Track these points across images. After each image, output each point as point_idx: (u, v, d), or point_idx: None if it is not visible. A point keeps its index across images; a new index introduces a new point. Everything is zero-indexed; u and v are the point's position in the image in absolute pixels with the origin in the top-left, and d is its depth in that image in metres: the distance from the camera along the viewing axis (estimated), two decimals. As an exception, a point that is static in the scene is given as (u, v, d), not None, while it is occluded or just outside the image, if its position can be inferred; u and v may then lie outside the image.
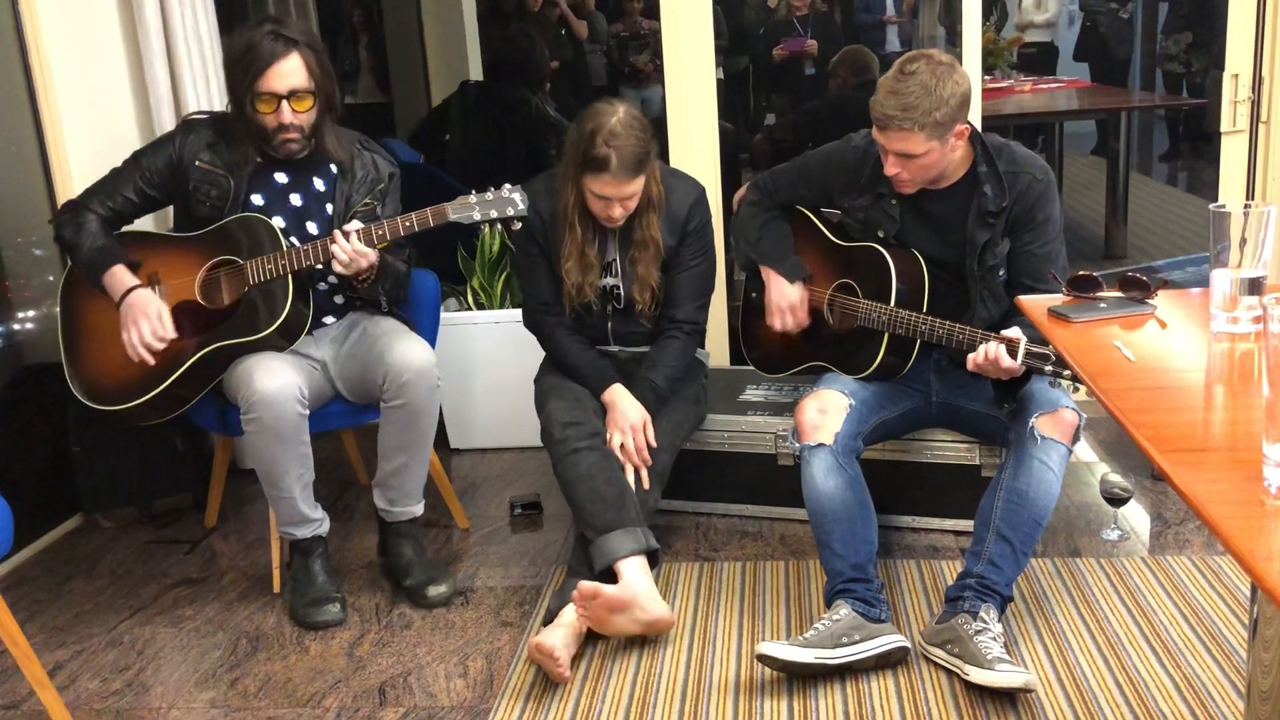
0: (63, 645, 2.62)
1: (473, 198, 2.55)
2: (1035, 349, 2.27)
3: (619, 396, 2.67)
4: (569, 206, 2.63)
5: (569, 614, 2.38)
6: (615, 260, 2.73)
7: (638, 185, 2.57)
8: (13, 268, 3.29)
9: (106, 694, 2.42)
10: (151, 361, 2.56)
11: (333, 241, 2.52)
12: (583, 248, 2.66)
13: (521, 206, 2.55)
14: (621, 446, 2.61)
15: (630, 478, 2.59)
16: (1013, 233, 2.48)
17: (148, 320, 2.55)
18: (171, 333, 2.56)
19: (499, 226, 2.60)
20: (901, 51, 5.82)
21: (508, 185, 2.57)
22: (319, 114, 2.62)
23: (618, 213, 2.60)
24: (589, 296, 2.71)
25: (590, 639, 2.45)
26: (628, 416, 2.64)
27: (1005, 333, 2.33)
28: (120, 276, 2.61)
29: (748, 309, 2.95)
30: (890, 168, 2.40)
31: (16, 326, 3.31)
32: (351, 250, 2.52)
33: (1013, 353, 2.29)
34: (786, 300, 2.73)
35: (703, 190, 2.77)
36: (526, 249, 2.76)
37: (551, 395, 2.70)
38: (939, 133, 2.32)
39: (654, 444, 2.63)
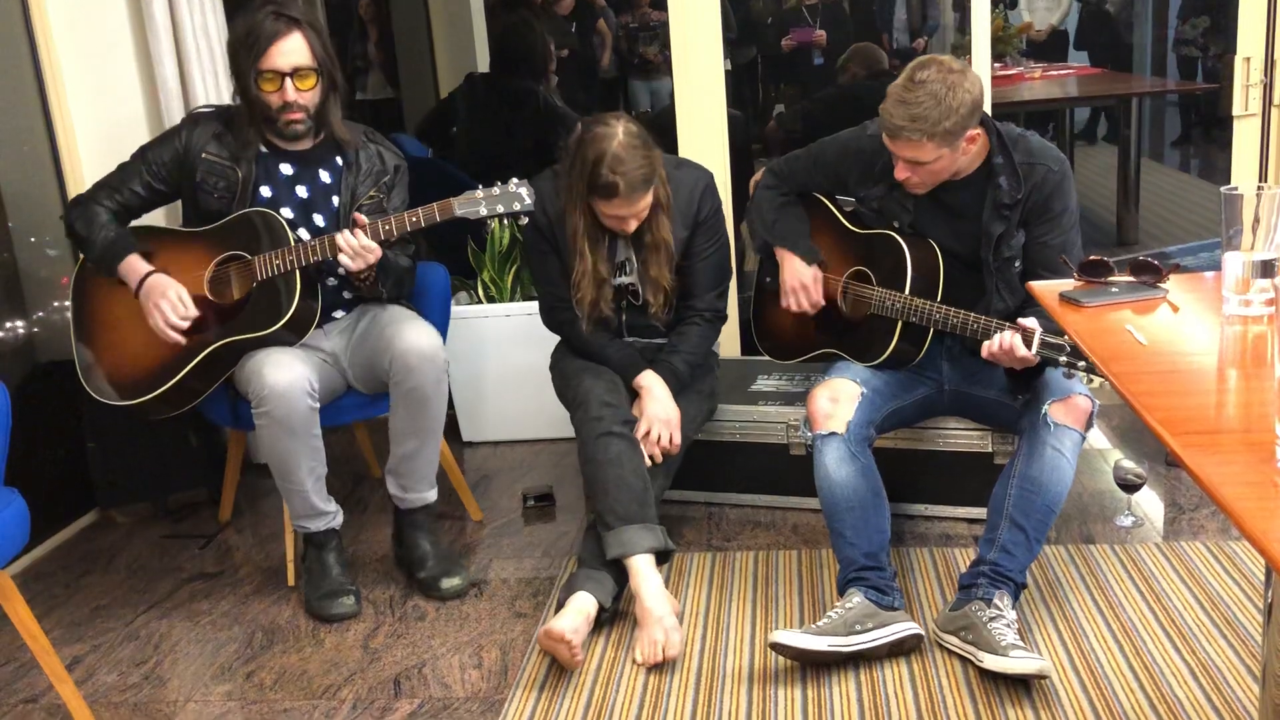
0: (80, 639, 2.64)
1: (479, 193, 2.56)
2: (1050, 339, 2.25)
3: (655, 383, 2.67)
4: (578, 233, 2.62)
5: (577, 601, 2.39)
6: (629, 259, 2.73)
7: (650, 197, 2.58)
8: (26, 267, 3.31)
9: (124, 687, 2.43)
10: (181, 341, 2.59)
11: (339, 237, 2.53)
12: (595, 267, 2.65)
13: (528, 201, 2.55)
14: (647, 435, 2.61)
15: (647, 461, 2.60)
16: (1028, 224, 2.47)
17: (168, 302, 2.57)
18: (193, 310, 2.59)
19: (507, 219, 2.60)
20: (908, 43, 5.81)
21: (514, 180, 2.57)
22: (323, 94, 2.63)
23: (632, 225, 2.61)
24: (605, 313, 2.72)
25: (601, 628, 2.46)
26: (665, 407, 2.64)
27: (1021, 322, 2.32)
28: (135, 264, 2.63)
29: (760, 296, 2.94)
30: (900, 172, 2.40)
31: (31, 324, 3.32)
32: (358, 245, 2.53)
33: (1027, 342, 2.27)
34: (799, 279, 2.71)
35: (710, 176, 2.76)
36: (537, 247, 2.75)
37: (587, 374, 2.68)
38: (948, 141, 2.30)
39: (674, 450, 2.64)
